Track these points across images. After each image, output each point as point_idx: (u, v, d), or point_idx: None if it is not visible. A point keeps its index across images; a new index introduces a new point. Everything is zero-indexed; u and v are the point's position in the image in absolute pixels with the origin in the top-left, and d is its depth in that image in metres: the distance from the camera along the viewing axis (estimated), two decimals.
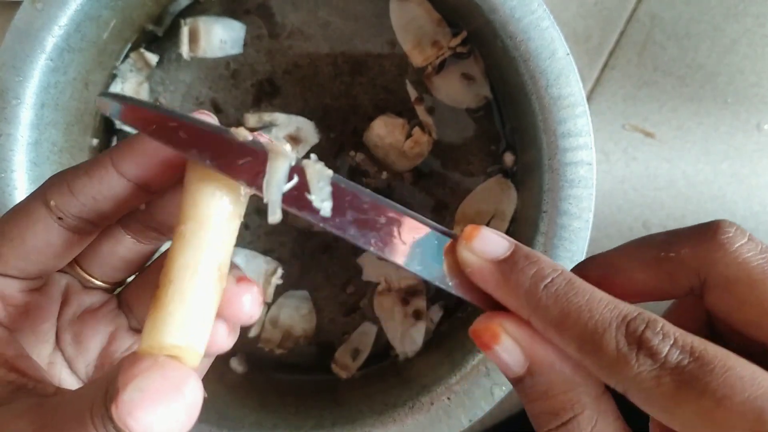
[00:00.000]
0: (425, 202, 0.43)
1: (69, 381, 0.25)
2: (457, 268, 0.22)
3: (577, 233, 0.35)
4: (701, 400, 0.17)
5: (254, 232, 0.44)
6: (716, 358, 0.18)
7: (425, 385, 0.37)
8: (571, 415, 0.20)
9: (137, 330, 0.26)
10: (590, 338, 0.19)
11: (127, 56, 0.43)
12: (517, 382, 0.21)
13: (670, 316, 0.24)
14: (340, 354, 0.44)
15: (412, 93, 0.43)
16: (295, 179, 0.20)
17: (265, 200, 0.20)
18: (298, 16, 0.43)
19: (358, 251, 0.44)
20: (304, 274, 0.44)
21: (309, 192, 0.20)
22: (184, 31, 0.42)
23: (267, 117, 0.42)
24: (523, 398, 0.21)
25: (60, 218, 0.22)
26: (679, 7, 0.47)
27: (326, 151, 0.43)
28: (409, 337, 0.43)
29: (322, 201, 0.20)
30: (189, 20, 0.42)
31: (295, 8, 0.43)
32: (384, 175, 0.43)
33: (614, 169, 0.48)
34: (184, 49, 0.42)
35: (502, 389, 0.35)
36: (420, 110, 0.42)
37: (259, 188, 0.20)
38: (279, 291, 0.44)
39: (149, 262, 0.27)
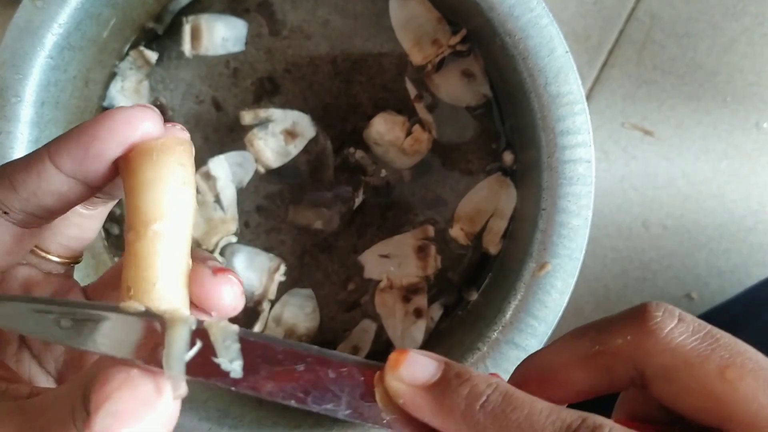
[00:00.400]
0: (424, 200, 0.43)
1: (39, 377, 0.25)
2: (391, 401, 0.20)
3: (576, 231, 0.35)
4: None
5: (254, 230, 0.44)
6: None
7: None
8: None
9: None
10: None
11: (127, 54, 0.43)
12: None
13: (626, 401, 0.23)
14: (340, 352, 0.44)
15: (412, 91, 0.43)
16: (198, 344, 0.19)
17: (166, 376, 0.18)
18: (297, 14, 0.43)
19: (358, 250, 0.44)
20: (304, 272, 0.44)
21: (215, 355, 0.19)
22: (186, 29, 0.42)
23: (263, 113, 0.42)
24: None
25: (5, 212, 0.21)
26: (678, 6, 0.47)
27: (325, 150, 0.43)
28: (409, 335, 0.43)
29: (231, 361, 0.19)
30: (191, 18, 0.42)
31: (294, 7, 0.43)
32: (383, 173, 0.43)
33: (613, 168, 0.48)
34: (186, 47, 0.42)
35: None
36: (420, 108, 0.43)
37: (159, 363, 0.18)
38: (282, 288, 0.44)
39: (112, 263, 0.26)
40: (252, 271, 0.43)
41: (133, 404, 0.17)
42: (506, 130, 0.43)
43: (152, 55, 0.42)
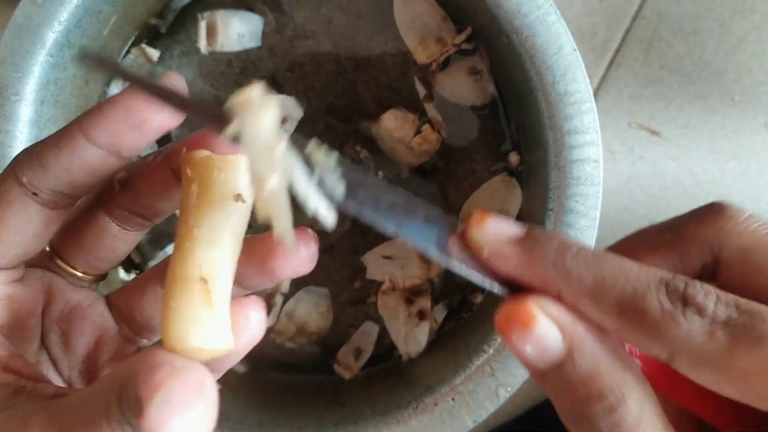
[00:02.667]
0: (428, 200, 0.43)
1: (55, 382, 0.24)
2: (469, 254, 0.20)
3: (584, 231, 0.35)
4: (760, 349, 0.17)
5: (257, 231, 0.43)
6: (765, 309, 0.17)
7: (429, 386, 0.37)
8: (620, 397, 0.18)
9: (125, 336, 0.26)
10: (631, 302, 0.18)
11: (128, 52, 0.42)
12: (551, 370, 0.19)
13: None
14: (343, 354, 0.43)
15: (421, 90, 0.42)
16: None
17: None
18: (301, 12, 0.43)
19: (360, 250, 0.43)
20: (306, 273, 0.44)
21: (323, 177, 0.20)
22: (202, 25, 0.41)
23: None
24: (557, 388, 0.19)
25: (35, 194, 0.21)
26: (685, 4, 0.46)
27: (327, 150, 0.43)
28: (412, 337, 0.42)
29: (334, 186, 0.20)
30: (206, 14, 0.42)
31: (298, 5, 0.42)
32: (380, 174, 0.42)
33: (620, 168, 0.47)
34: (202, 44, 0.41)
35: (507, 390, 0.35)
36: (429, 108, 0.42)
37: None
38: (295, 283, 0.43)
39: (138, 270, 0.26)
40: None
41: (184, 391, 0.17)
42: (512, 130, 0.42)
43: (154, 53, 0.42)
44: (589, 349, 0.19)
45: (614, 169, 0.47)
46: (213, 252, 0.20)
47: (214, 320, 0.20)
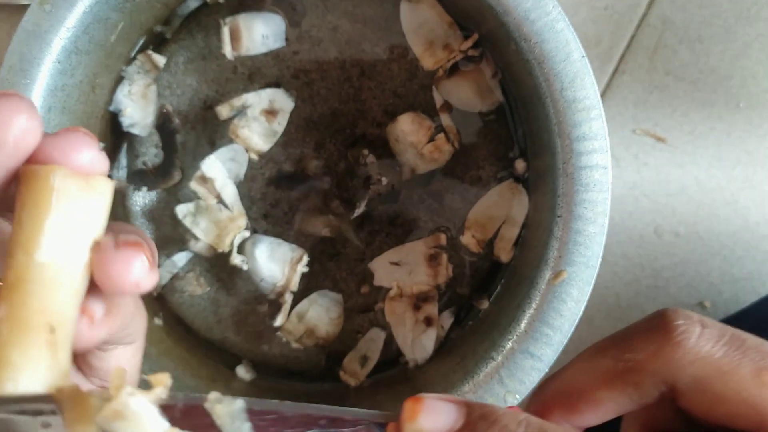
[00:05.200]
0: (434, 208, 0.43)
1: None
2: None
3: (592, 238, 0.34)
4: None
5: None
6: None
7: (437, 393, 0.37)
8: None
9: None
10: None
11: (134, 58, 0.42)
12: None
13: (641, 410, 0.22)
14: (349, 361, 0.43)
15: (439, 100, 0.42)
16: None
17: None
18: (306, 19, 0.43)
19: (366, 258, 0.43)
20: (312, 280, 0.43)
21: None
22: (225, 31, 0.41)
23: (237, 102, 0.42)
24: None
25: None
26: (690, 10, 0.47)
27: (334, 156, 0.43)
28: (419, 344, 0.42)
29: None
30: (228, 19, 0.41)
31: (304, 12, 0.43)
32: (384, 181, 0.42)
33: (625, 175, 0.47)
34: (227, 49, 0.41)
35: (515, 397, 0.35)
36: (445, 117, 0.42)
37: None
38: (306, 284, 0.43)
39: None
40: (274, 262, 0.42)
41: None
42: (518, 136, 0.42)
43: (160, 59, 0.42)
44: None
45: (619, 175, 0.47)
46: (60, 292, 0.17)
47: (58, 372, 0.17)
